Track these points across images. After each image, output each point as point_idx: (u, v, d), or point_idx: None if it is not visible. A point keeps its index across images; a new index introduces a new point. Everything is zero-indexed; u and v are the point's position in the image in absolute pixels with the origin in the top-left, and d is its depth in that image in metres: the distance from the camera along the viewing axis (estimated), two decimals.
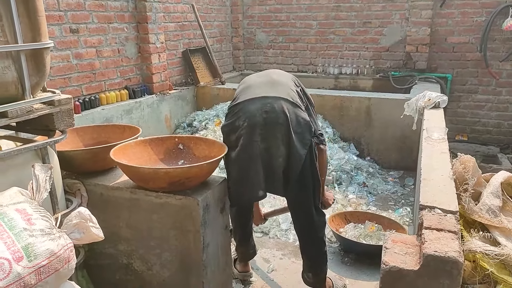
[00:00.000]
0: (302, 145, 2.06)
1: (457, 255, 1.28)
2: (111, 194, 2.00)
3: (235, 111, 2.11)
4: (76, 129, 2.29)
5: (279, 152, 2.04)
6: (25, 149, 1.53)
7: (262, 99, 2.07)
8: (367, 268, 2.70)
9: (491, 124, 5.38)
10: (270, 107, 2.03)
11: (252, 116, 2.02)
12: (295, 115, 2.06)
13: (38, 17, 1.51)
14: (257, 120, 2.02)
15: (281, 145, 2.04)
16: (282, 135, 2.03)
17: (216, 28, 6.02)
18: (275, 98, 2.07)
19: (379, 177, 4.17)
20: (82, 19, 3.74)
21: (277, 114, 2.02)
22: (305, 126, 2.07)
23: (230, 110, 2.17)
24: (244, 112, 2.05)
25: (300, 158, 2.05)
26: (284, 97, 2.09)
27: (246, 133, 2.02)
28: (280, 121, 2.02)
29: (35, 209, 1.26)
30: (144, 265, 2.05)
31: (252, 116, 2.03)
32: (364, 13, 5.65)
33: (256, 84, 2.22)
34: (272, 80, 2.23)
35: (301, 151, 2.05)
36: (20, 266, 1.10)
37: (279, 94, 2.10)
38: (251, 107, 2.06)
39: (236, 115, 2.09)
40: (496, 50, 5.09)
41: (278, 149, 2.04)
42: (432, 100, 3.31)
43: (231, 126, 2.09)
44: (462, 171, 1.86)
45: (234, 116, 2.09)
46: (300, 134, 2.05)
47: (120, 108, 4.07)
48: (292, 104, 2.09)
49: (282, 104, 2.05)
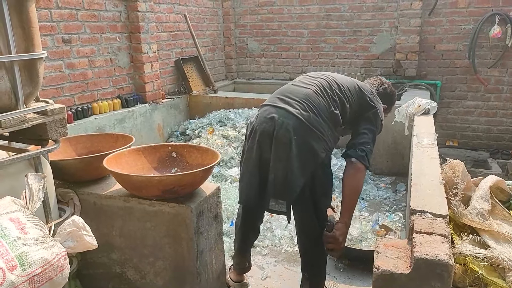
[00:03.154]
0: (302, 172, 1.95)
1: (447, 258, 1.31)
2: (104, 203, 2.00)
3: (257, 111, 2.13)
4: (69, 139, 2.29)
5: (275, 169, 1.98)
6: (18, 158, 1.54)
7: (278, 110, 1.99)
8: (360, 274, 2.72)
9: (480, 129, 5.46)
10: (280, 124, 1.95)
11: (261, 124, 2.02)
12: (303, 140, 1.94)
13: (32, 28, 1.52)
14: (263, 129, 1.99)
15: (278, 164, 1.97)
16: (283, 156, 1.95)
17: (208, 37, 6.07)
18: (290, 114, 1.96)
19: (371, 183, 4.20)
20: (74, 29, 3.76)
21: (282, 133, 1.94)
22: (310, 155, 1.96)
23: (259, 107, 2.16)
24: (259, 117, 2.06)
25: (294, 187, 1.95)
26: (300, 117, 1.95)
27: (252, 137, 2.05)
28: (284, 141, 1.94)
29: (29, 218, 1.27)
30: (137, 274, 2.04)
31: (261, 123, 2.02)
32: (354, 21, 5.73)
33: (288, 90, 2.11)
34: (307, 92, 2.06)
35: (297, 180, 1.95)
36: (14, 275, 1.10)
37: (297, 111, 1.97)
38: (265, 114, 2.03)
39: (255, 116, 2.12)
40: (484, 57, 5.19)
41: (274, 166, 1.98)
42: (422, 106, 3.36)
43: (250, 125, 2.12)
44: (451, 176, 1.89)
45: (255, 116, 2.11)
46: (301, 164, 1.94)
47: (113, 117, 4.07)
48: (306, 127, 1.95)
49: (292, 124, 1.94)
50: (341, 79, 2.19)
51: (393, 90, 2.46)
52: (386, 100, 2.38)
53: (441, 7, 5.25)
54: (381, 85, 2.41)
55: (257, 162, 2.04)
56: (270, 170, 2.00)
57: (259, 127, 2.02)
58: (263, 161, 2.03)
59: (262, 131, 2.00)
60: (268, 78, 6.40)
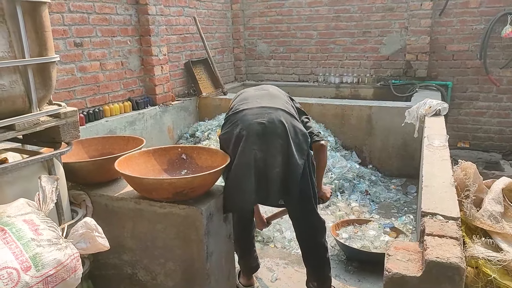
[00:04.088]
0: (300, 155, 2.09)
1: (459, 261, 1.29)
2: (115, 205, 2.02)
3: (233, 120, 2.12)
4: (81, 141, 2.32)
5: (276, 162, 2.05)
6: (32, 161, 1.56)
7: (260, 109, 2.11)
8: (370, 276, 2.70)
9: (492, 130, 5.39)
10: (268, 117, 2.06)
11: (250, 125, 2.04)
12: (293, 125, 2.10)
13: (45, 32, 1.55)
14: (255, 129, 2.03)
15: (278, 155, 2.05)
16: (280, 145, 2.05)
17: (217, 40, 6.09)
18: (273, 108, 2.12)
19: (382, 185, 4.18)
20: (86, 33, 3.81)
21: (275, 124, 2.05)
22: (302, 136, 2.12)
23: (227, 119, 2.19)
24: (242, 121, 2.07)
25: (298, 168, 2.08)
26: (281, 108, 2.14)
27: (243, 141, 2.03)
28: (278, 131, 2.04)
29: (42, 220, 1.29)
30: (148, 275, 2.06)
31: (250, 125, 2.04)
32: (364, 22, 5.71)
33: (253, 95, 2.27)
34: (269, 92, 2.31)
35: (299, 160, 2.08)
36: (28, 275, 1.12)
37: (277, 105, 2.16)
38: (249, 116, 2.08)
39: (234, 124, 2.10)
40: (496, 57, 5.13)
41: (275, 159, 2.05)
42: (432, 107, 3.33)
43: (228, 134, 2.10)
44: (463, 178, 1.87)
45: (232, 125, 2.10)
46: (298, 145, 2.09)
47: (124, 120, 4.12)
48: (290, 115, 2.14)
49: (280, 115, 2.09)
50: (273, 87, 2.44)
51: None
52: None
53: (452, 7, 5.20)
54: None
55: (252, 164, 2.03)
56: (270, 167, 2.04)
57: (248, 129, 2.03)
58: (258, 161, 2.03)
59: (254, 131, 2.03)
60: (277, 80, 6.40)
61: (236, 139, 2.05)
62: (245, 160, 2.02)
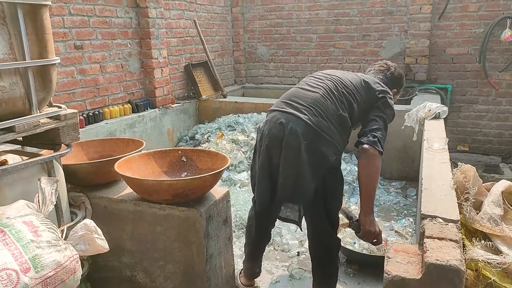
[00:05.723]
0: (312, 177, 1.95)
1: (458, 263, 1.29)
2: (115, 207, 2.02)
3: (266, 117, 2.13)
4: (81, 143, 2.32)
5: (284, 173, 1.98)
6: (31, 163, 1.56)
7: (288, 116, 1.99)
8: (370, 279, 2.70)
9: (492, 134, 5.40)
10: (289, 129, 1.94)
11: (271, 129, 2.01)
12: (313, 145, 1.94)
13: (45, 34, 1.56)
14: (273, 135, 1.98)
15: (288, 169, 1.96)
16: (292, 161, 1.95)
17: (217, 43, 6.11)
18: (299, 120, 1.95)
19: (381, 188, 4.17)
20: (86, 36, 3.81)
21: (291, 139, 1.94)
22: (320, 158, 1.96)
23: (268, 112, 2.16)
24: (269, 122, 2.05)
25: (306, 190, 1.96)
26: (308, 122, 1.95)
27: (264, 143, 2.04)
28: (292, 147, 1.94)
29: (42, 221, 1.29)
30: (147, 277, 2.05)
31: (271, 129, 2.01)
32: (363, 26, 5.72)
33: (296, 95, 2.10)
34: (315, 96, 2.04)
35: (310, 183, 1.95)
36: (27, 277, 1.11)
37: (305, 116, 1.96)
38: (275, 119, 2.02)
39: (265, 121, 2.11)
40: (495, 61, 5.14)
41: (284, 171, 1.98)
42: (432, 110, 3.33)
43: (260, 130, 2.11)
44: (462, 181, 1.87)
45: (264, 122, 2.11)
46: (312, 167, 1.94)
47: (123, 122, 4.12)
48: (315, 132, 1.95)
49: (301, 130, 1.94)
50: (346, 78, 2.16)
51: (400, 73, 2.45)
52: (394, 84, 2.38)
53: (451, 11, 5.22)
54: (388, 69, 2.39)
55: (268, 167, 2.03)
56: (280, 175, 2.00)
57: (268, 133, 2.02)
58: (273, 166, 2.02)
59: (272, 137, 2.00)
60: (277, 83, 6.42)
61: (260, 138, 2.08)
62: (262, 161, 2.05)
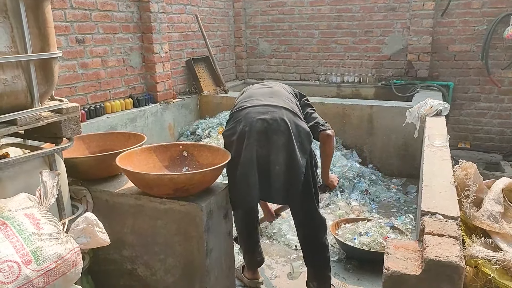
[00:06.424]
0: (303, 154, 2.11)
1: (458, 260, 1.30)
2: (116, 201, 2.03)
3: (236, 117, 2.16)
4: (82, 137, 2.33)
5: (278, 160, 2.07)
6: (33, 156, 1.57)
7: (264, 107, 2.13)
8: (369, 275, 2.71)
9: (493, 131, 5.39)
10: (272, 115, 2.08)
11: (254, 122, 2.07)
12: (295, 124, 2.12)
13: (47, 28, 1.55)
14: (258, 126, 2.06)
15: (280, 153, 2.07)
16: (283, 143, 2.06)
17: (219, 38, 6.09)
18: (277, 107, 2.14)
19: (382, 185, 4.18)
20: (88, 30, 3.81)
21: (278, 123, 2.07)
22: (305, 135, 2.13)
23: (231, 116, 2.22)
24: (245, 119, 2.10)
25: (301, 167, 2.09)
26: (285, 107, 2.16)
27: (246, 138, 2.06)
28: (281, 129, 2.06)
29: (43, 214, 1.29)
30: (148, 271, 2.06)
31: (253, 122, 2.07)
32: (366, 22, 5.70)
33: (257, 93, 2.29)
34: (273, 90, 2.32)
35: (302, 160, 2.10)
36: (29, 269, 1.12)
37: (280, 103, 2.17)
38: (252, 114, 2.10)
39: (237, 121, 2.13)
40: (498, 58, 5.12)
41: (277, 157, 2.07)
42: (434, 107, 3.33)
43: (232, 131, 2.13)
44: (463, 178, 1.87)
45: (235, 122, 2.14)
46: (300, 144, 2.11)
47: (125, 117, 4.12)
48: (293, 113, 2.16)
49: (283, 113, 2.11)
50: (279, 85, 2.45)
51: None
52: None
53: (454, 8, 5.20)
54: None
55: (255, 160, 2.06)
56: (272, 164, 2.06)
57: (251, 126, 2.06)
58: (260, 158, 2.06)
59: (256, 128, 2.05)
60: (279, 79, 6.40)
61: (239, 136, 2.08)
62: (247, 158, 2.05)
